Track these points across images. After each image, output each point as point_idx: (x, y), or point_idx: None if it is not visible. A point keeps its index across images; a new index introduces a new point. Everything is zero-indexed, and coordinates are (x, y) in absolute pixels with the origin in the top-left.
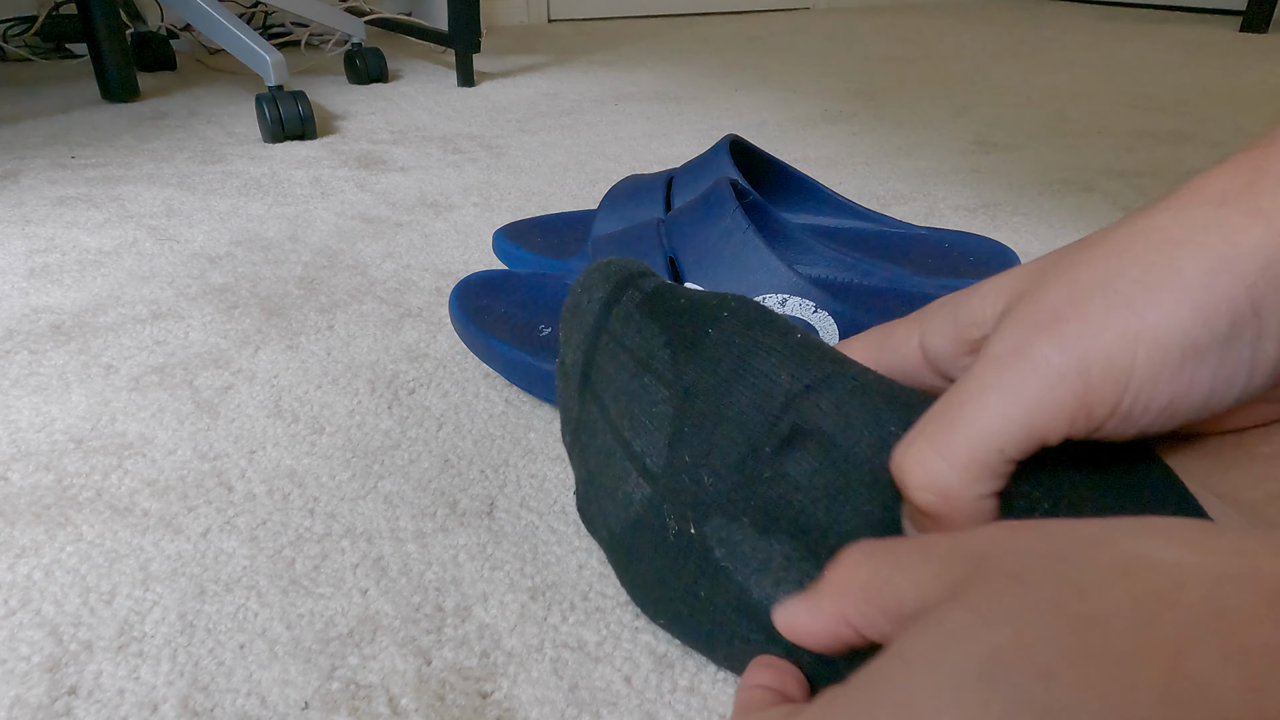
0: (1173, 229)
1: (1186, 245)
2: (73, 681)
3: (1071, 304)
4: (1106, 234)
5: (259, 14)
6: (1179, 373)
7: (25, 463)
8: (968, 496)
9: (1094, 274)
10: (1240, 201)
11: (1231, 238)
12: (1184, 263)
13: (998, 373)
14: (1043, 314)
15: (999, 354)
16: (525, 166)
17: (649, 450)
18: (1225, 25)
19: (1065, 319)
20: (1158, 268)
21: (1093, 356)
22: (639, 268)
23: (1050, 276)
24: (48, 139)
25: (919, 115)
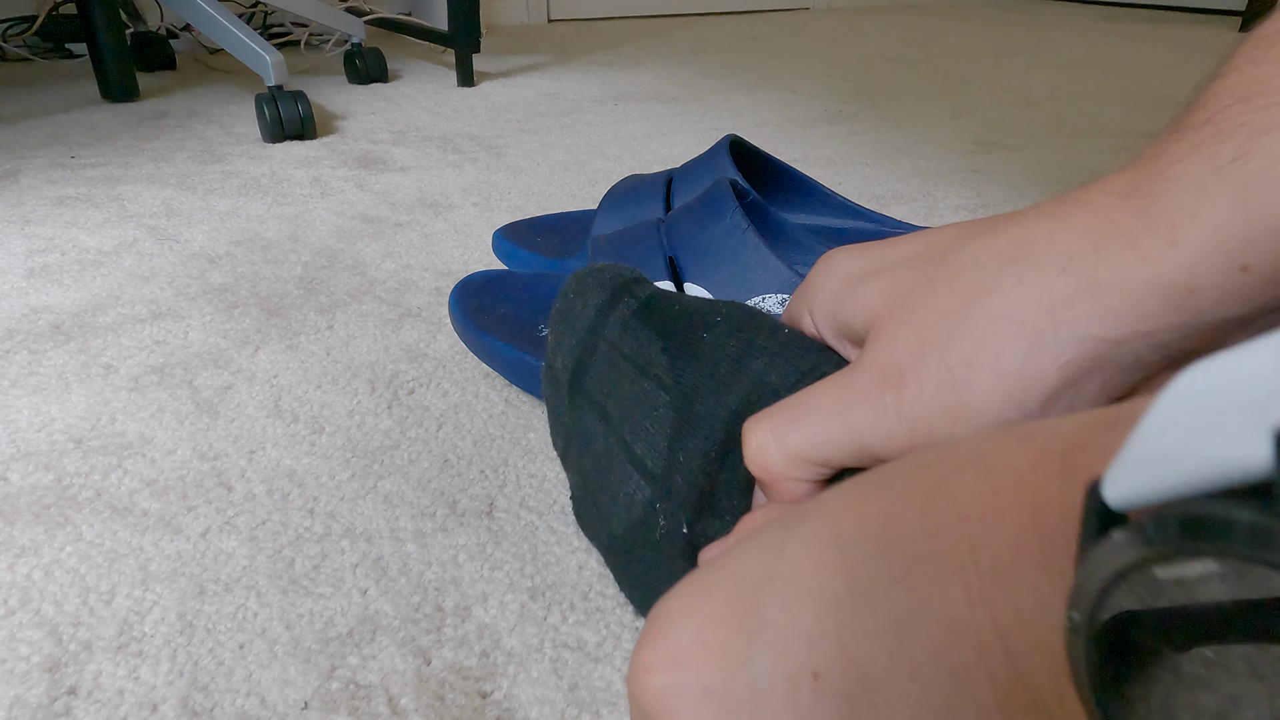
0: (1012, 294)
1: (1014, 321)
2: (72, 681)
3: (913, 369)
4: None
5: (259, 14)
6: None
7: (25, 462)
8: (786, 475)
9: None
10: (1080, 269)
11: (1056, 315)
12: (1006, 345)
13: (848, 403)
14: (891, 370)
15: (857, 387)
16: (525, 166)
17: (649, 453)
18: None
19: (905, 384)
20: (984, 349)
21: (918, 424)
22: (632, 274)
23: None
24: (47, 139)
25: (919, 115)
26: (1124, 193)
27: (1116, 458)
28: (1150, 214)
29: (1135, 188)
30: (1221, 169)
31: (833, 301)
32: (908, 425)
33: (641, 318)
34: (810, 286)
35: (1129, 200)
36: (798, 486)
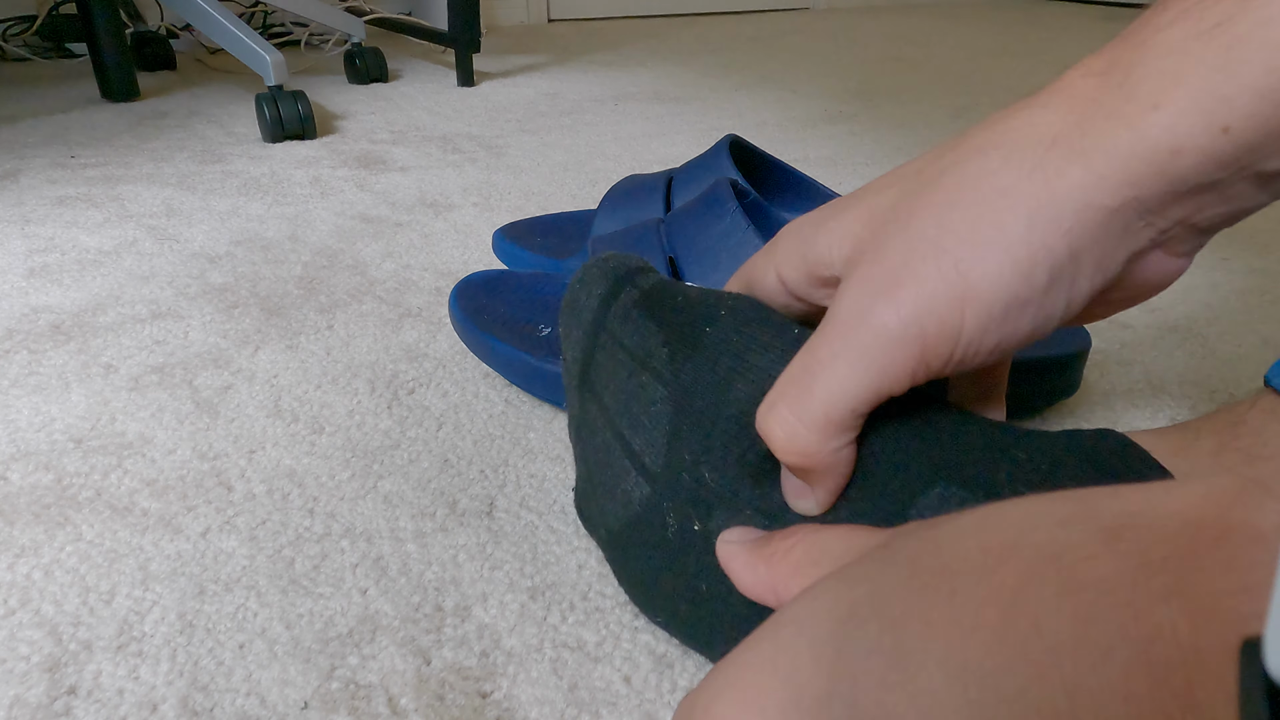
0: (1000, 174)
1: (1010, 195)
2: (72, 681)
3: (906, 266)
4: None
5: (259, 14)
6: (1003, 323)
7: (25, 462)
8: (825, 451)
9: (927, 230)
10: (1065, 142)
11: (1052, 184)
12: (1006, 216)
13: (844, 338)
14: (882, 278)
15: (845, 319)
16: (525, 166)
17: (647, 449)
18: None
19: (901, 283)
20: (983, 223)
21: (926, 320)
22: (637, 263)
23: (890, 225)
24: (47, 138)
25: (919, 115)
26: (1103, 71)
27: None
28: (1131, 83)
29: (1114, 62)
30: (1204, 33)
31: (802, 244)
32: (915, 326)
33: (643, 308)
34: (776, 244)
35: (1108, 76)
36: (839, 456)
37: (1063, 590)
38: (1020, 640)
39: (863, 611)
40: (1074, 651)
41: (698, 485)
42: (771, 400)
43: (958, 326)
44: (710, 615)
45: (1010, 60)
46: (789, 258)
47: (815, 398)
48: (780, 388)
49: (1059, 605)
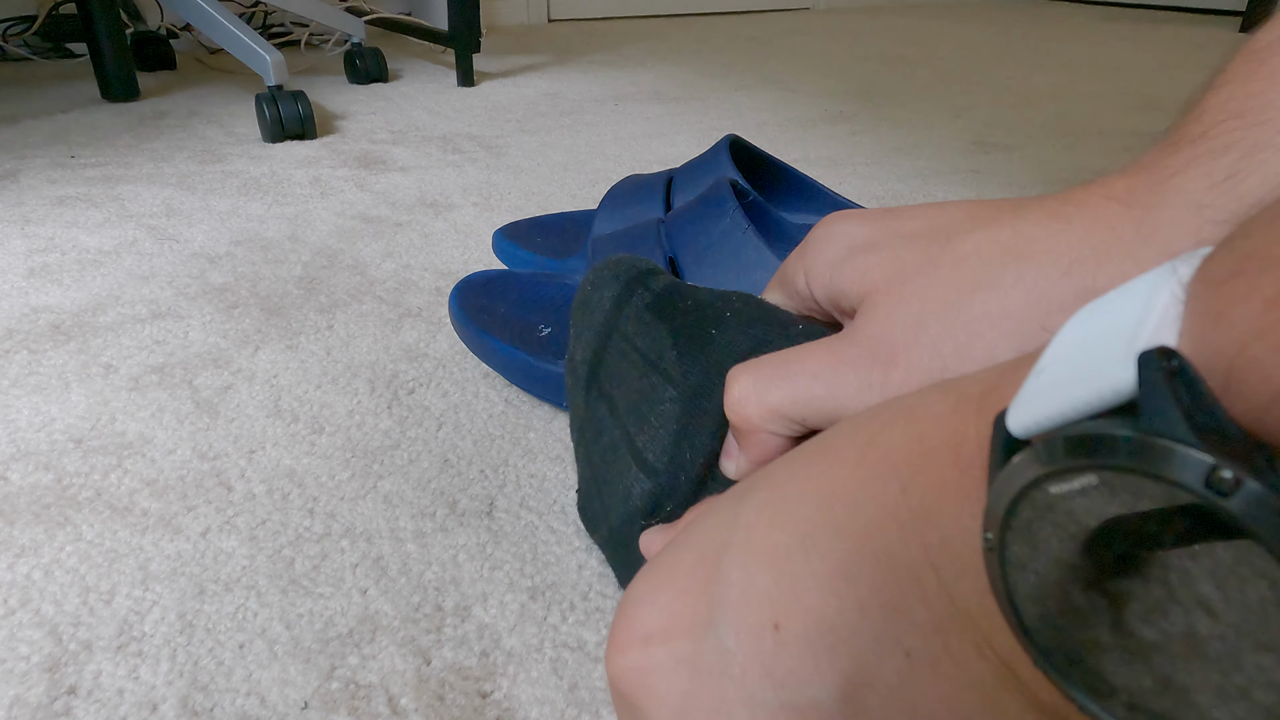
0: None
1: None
2: (72, 681)
3: (905, 350)
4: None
5: (259, 14)
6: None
7: (25, 462)
8: (762, 428)
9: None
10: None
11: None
12: (1001, 344)
13: (836, 371)
14: (883, 347)
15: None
16: (525, 166)
17: (651, 446)
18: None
19: (895, 363)
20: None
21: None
22: (647, 265)
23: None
24: (47, 139)
25: (919, 115)
26: (1123, 200)
27: (1019, 392)
28: (1148, 227)
29: (1134, 196)
30: (1215, 186)
31: (829, 268)
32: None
33: (654, 310)
34: (809, 248)
35: (1129, 209)
36: (771, 440)
37: (906, 426)
38: (872, 463)
39: (755, 485)
40: (908, 460)
41: (699, 485)
42: (752, 363)
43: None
44: None
45: (1010, 60)
46: (816, 275)
47: (779, 390)
48: (763, 360)
49: (902, 434)
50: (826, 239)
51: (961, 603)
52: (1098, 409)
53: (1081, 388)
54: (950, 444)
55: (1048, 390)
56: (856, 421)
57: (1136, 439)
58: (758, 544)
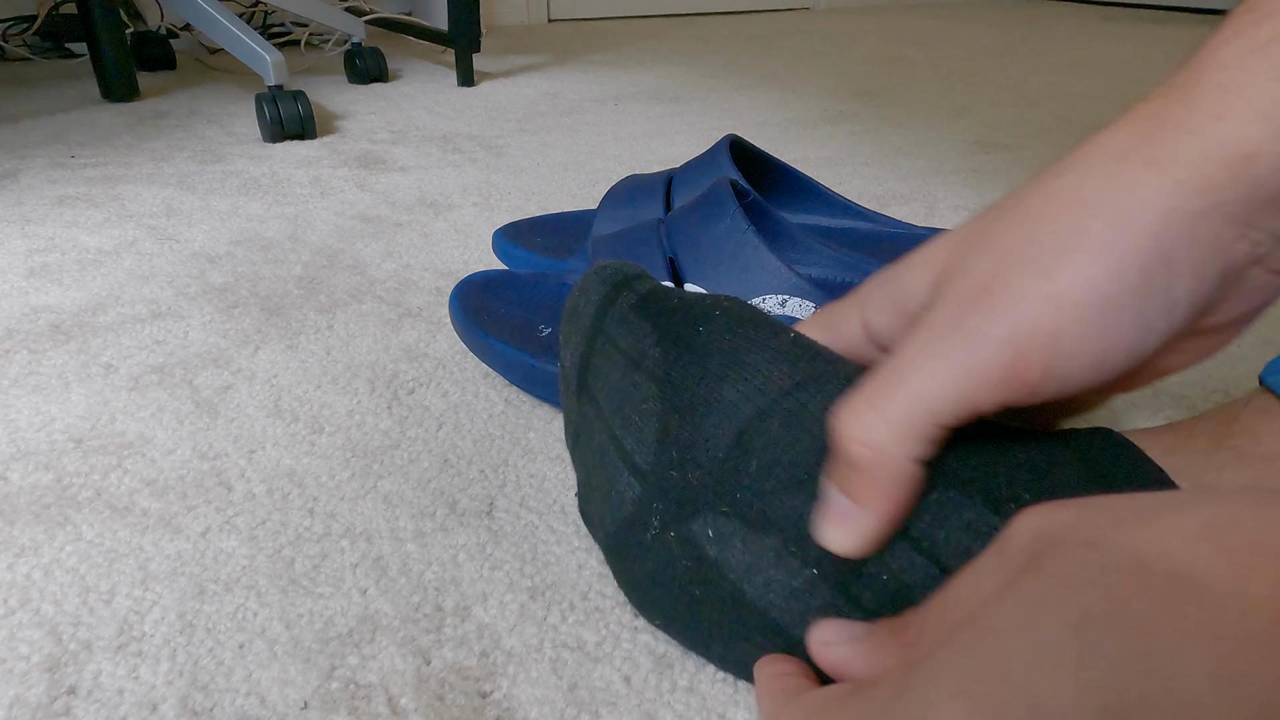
0: (1080, 189)
1: (1091, 205)
2: (72, 681)
3: (996, 275)
4: (1022, 198)
5: (259, 14)
6: (1100, 328)
7: (25, 462)
8: (898, 455)
9: (1013, 243)
10: (1137, 154)
11: (1132, 190)
12: (1090, 222)
13: (934, 341)
14: (972, 287)
15: (935, 325)
16: (525, 166)
17: (638, 448)
18: None
19: (991, 290)
20: (1068, 231)
21: (1018, 325)
22: (635, 270)
23: (975, 247)
24: (47, 138)
25: (919, 115)
26: (1162, 93)
27: None
28: (1191, 98)
29: (1172, 84)
30: (1258, 49)
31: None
32: (1006, 329)
33: (639, 311)
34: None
35: (1170, 93)
36: (909, 470)
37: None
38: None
39: (1101, 618)
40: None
41: (683, 484)
42: (851, 395)
43: (1052, 331)
44: (706, 620)
45: (1010, 60)
46: (875, 300)
47: (898, 394)
48: (861, 384)
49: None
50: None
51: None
52: None
53: None
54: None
55: None
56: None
57: None
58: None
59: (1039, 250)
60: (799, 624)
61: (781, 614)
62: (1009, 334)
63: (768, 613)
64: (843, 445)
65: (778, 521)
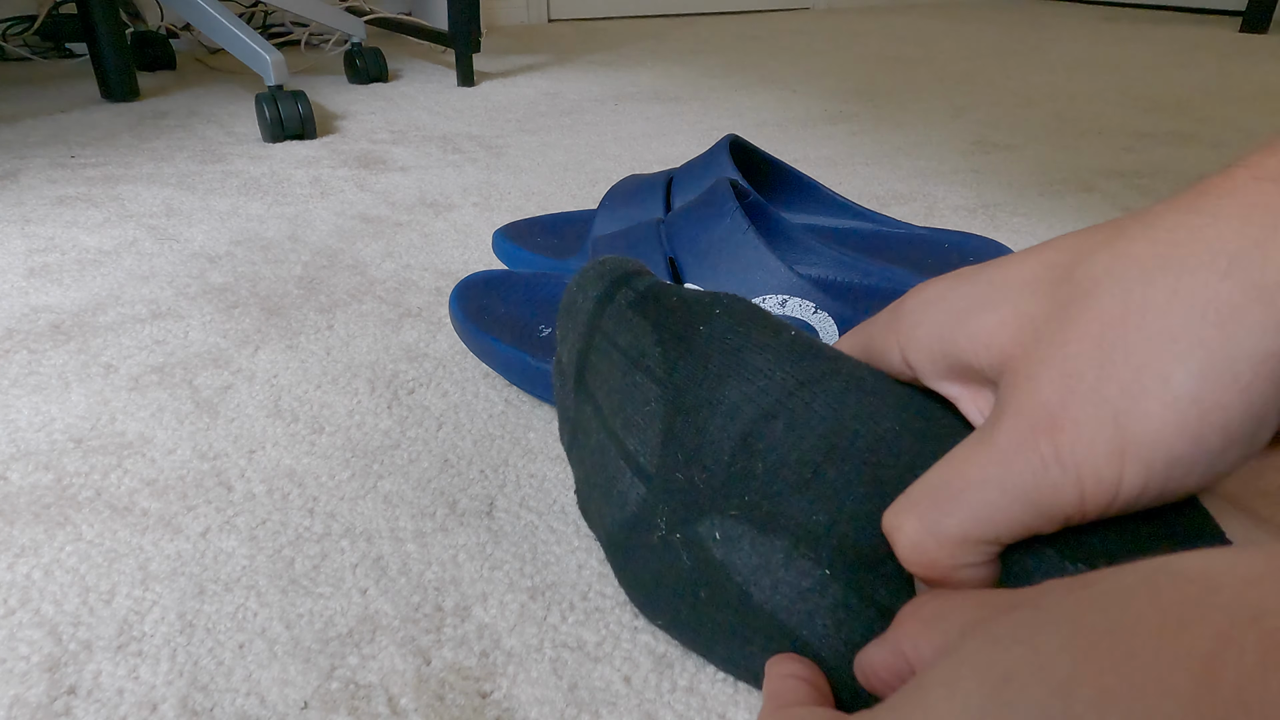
0: (1170, 314)
1: (1180, 342)
2: (72, 681)
3: (1064, 409)
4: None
5: (259, 14)
6: (1166, 480)
7: (25, 462)
8: (953, 568)
9: (1085, 370)
10: (1244, 273)
11: (1227, 329)
12: (1173, 368)
13: (1000, 465)
14: (1039, 413)
15: (1003, 446)
16: (525, 166)
17: (642, 449)
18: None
19: (1060, 427)
20: (1147, 373)
21: (1085, 470)
22: (633, 266)
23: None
24: (47, 138)
25: (919, 115)
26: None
27: None
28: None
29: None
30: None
31: (939, 341)
32: (1073, 474)
33: (637, 309)
34: (902, 321)
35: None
36: (971, 573)
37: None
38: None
39: (1021, 675)
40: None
41: (689, 486)
42: (904, 505)
43: (1115, 481)
44: (711, 622)
45: (1010, 60)
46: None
47: (953, 517)
48: (914, 495)
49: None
50: (922, 307)
51: None
52: None
53: None
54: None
55: None
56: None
57: None
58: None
59: (1115, 390)
60: (806, 625)
61: (789, 615)
62: (1075, 475)
63: (774, 615)
64: (902, 559)
65: (787, 523)
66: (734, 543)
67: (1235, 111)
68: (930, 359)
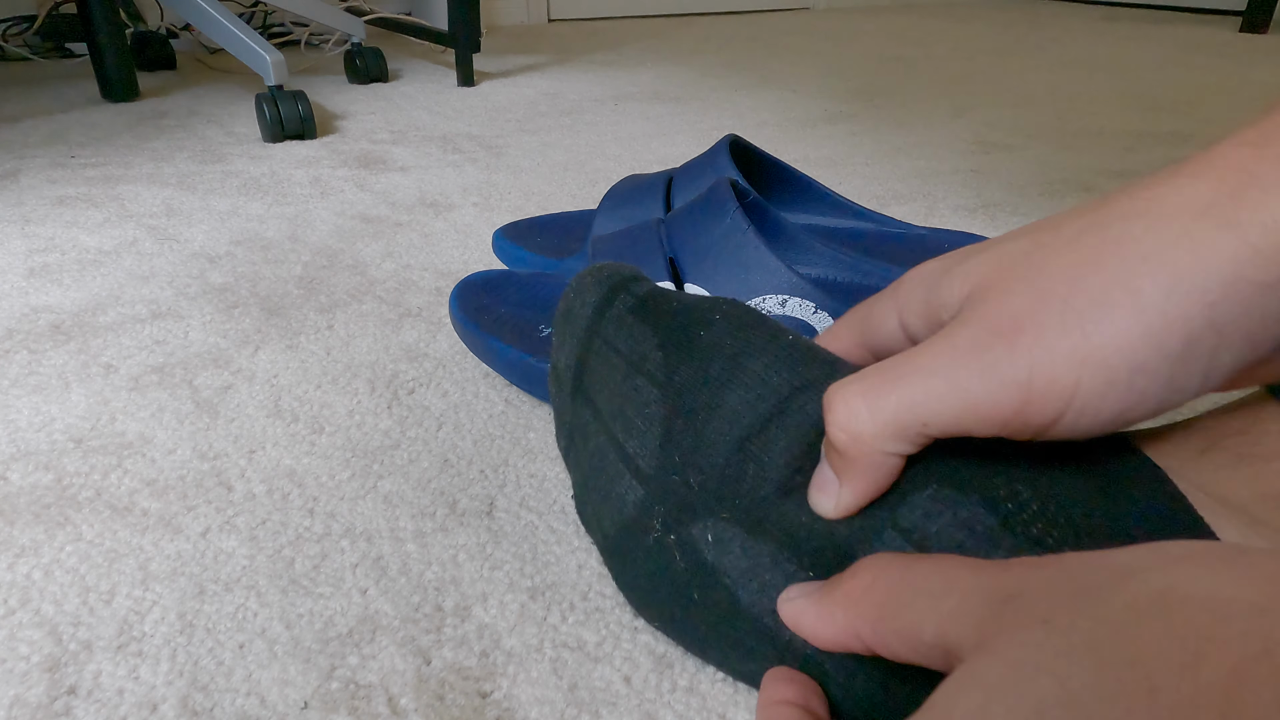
0: (1144, 241)
1: (1151, 261)
2: (72, 681)
3: (1031, 314)
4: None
5: (259, 14)
6: (1126, 390)
7: (25, 462)
8: (877, 449)
9: (1057, 284)
10: (1220, 213)
11: (1199, 252)
12: (1144, 281)
13: (948, 357)
14: (1003, 319)
15: (956, 342)
16: (525, 166)
17: (641, 452)
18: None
19: (1021, 329)
20: (1117, 286)
21: (1038, 372)
22: (631, 272)
23: (1019, 274)
24: (47, 138)
25: (919, 115)
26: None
27: None
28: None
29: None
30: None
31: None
32: (1024, 372)
33: (637, 314)
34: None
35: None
36: (886, 463)
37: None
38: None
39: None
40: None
41: (685, 489)
42: (850, 378)
43: (1071, 386)
44: (704, 624)
45: (1010, 60)
46: (912, 302)
47: (894, 395)
48: (865, 373)
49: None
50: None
51: None
52: None
53: None
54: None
55: None
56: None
57: None
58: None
59: (1083, 301)
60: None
61: (773, 619)
62: (1025, 377)
63: (760, 618)
64: (828, 427)
65: (773, 526)
66: (725, 545)
67: (1235, 111)
68: (918, 313)
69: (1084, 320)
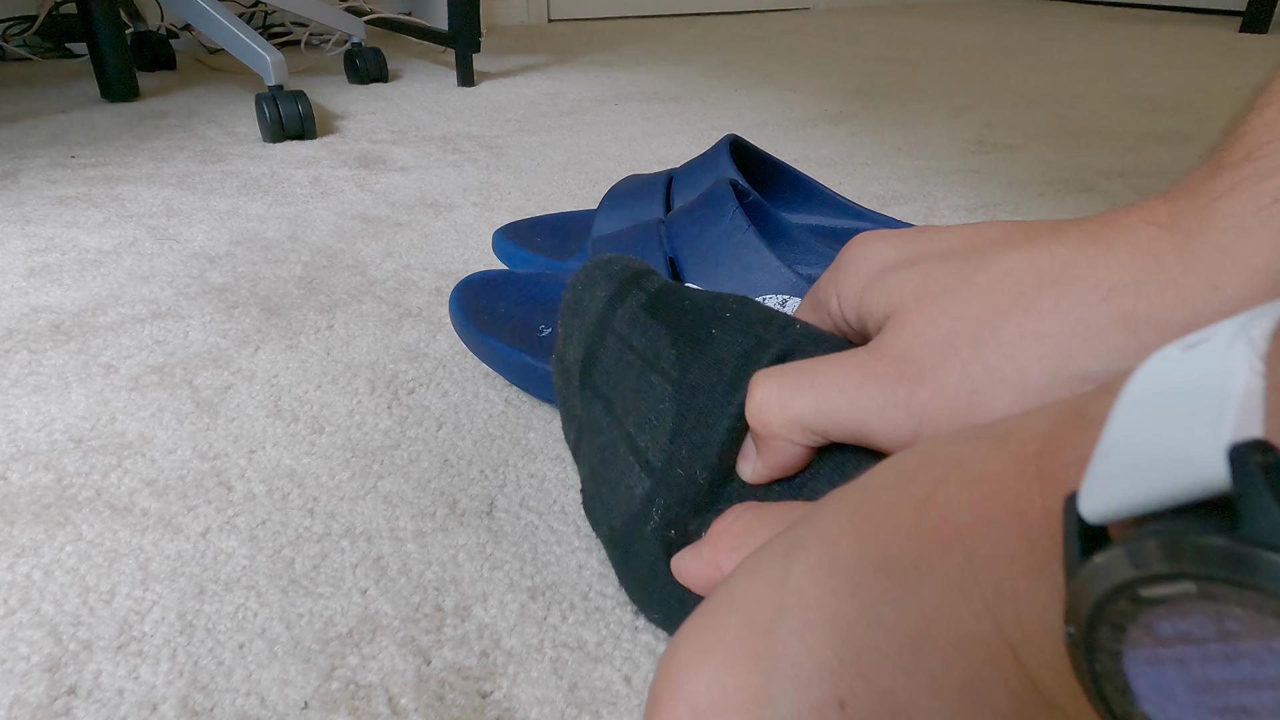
0: (1047, 318)
1: (1046, 344)
2: (72, 681)
3: (933, 371)
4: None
5: (259, 14)
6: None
7: (25, 462)
8: (782, 438)
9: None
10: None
11: (1090, 344)
12: (1033, 366)
13: (857, 385)
14: (909, 365)
15: (867, 371)
16: (525, 166)
17: (651, 445)
18: (1225, 25)
19: (922, 381)
20: (1010, 365)
21: (926, 426)
22: (641, 266)
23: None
24: (47, 138)
25: (919, 115)
26: (1165, 225)
27: (1088, 470)
28: (1191, 253)
29: (1176, 222)
30: (1263, 210)
31: (859, 288)
32: (915, 421)
33: (650, 311)
34: (841, 269)
35: (1171, 234)
36: (790, 448)
37: (962, 485)
38: (931, 528)
39: (803, 541)
40: (971, 528)
41: (690, 483)
42: (774, 371)
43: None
44: None
45: (1010, 60)
46: (849, 293)
47: (802, 400)
48: (787, 368)
49: (960, 496)
50: (857, 260)
51: (1044, 686)
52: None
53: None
54: (1014, 511)
55: (1122, 475)
56: (905, 471)
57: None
58: (815, 613)
59: (980, 370)
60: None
61: None
62: (916, 424)
63: None
64: (746, 408)
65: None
66: None
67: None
68: (852, 305)
69: (974, 389)
